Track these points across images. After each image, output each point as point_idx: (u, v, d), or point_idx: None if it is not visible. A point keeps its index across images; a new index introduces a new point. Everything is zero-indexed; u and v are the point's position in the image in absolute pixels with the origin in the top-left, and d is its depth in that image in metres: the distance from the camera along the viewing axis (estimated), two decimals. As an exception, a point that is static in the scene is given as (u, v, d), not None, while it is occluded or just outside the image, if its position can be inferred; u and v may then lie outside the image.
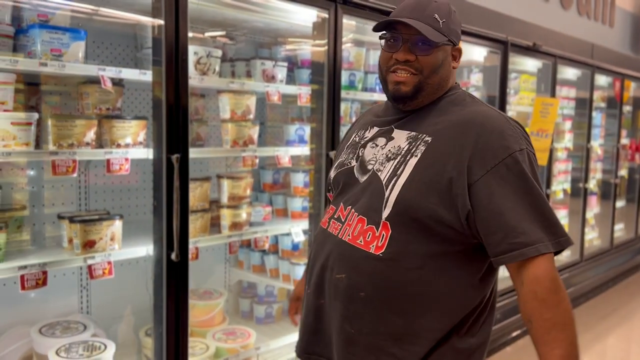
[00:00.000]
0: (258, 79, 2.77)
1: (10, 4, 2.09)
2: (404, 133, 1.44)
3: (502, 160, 1.30)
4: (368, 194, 1.42)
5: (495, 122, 1.36)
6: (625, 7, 6.67)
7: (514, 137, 1.33)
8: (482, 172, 1.30)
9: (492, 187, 1.29)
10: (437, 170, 1.34)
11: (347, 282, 1.41)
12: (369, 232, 1.39)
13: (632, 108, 6.51)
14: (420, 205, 1.33)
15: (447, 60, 1.45)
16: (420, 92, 1.42)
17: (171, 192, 2.11)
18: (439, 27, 1.40)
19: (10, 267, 2.00)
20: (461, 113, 1.41)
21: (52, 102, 2.45)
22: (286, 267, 3.10)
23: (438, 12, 1.42)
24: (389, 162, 1.42)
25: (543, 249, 1.26)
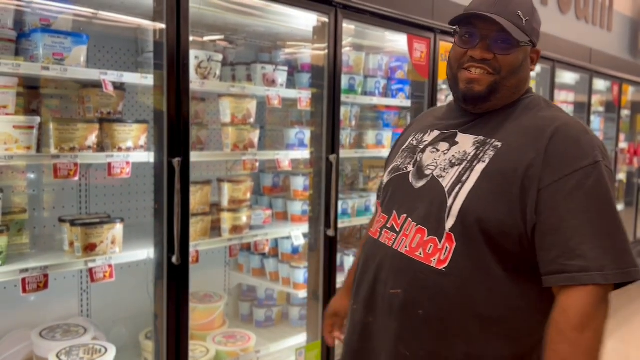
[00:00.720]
0: (259, 83, 2.78)
1: (13, 8, 2.10)
2: (471, 137, 1.32)
3: (573, 172, 1.18)
4: (427, 201, 1.30)
5: (571, 129, 1.24)
6: (623, 12, 6.70)
7: (589, 147, 1.21)
8: (549, 181, 1.19)
9: (557, 200, 1.18)
10: (507, 177, 1.22)
11: (404, 298, 1.29)
12: (430, 244, 1.27)
13: (630, 112, 6.53)
14: (488, 215, 1.22)
15: (527, 61, 1.34)
16: (495, 94, 1.30)
17: (172, 195, 2.12)
18: (522, 25, 1.28)
19: (11, 270, 2.00)
20: (535, 118, 1.29)
21: (52, 105, 2.45)
22: (286, 270, 3.11)
23: (522, 8, 1.30)
24: (453, 168, 1.29)
25: (599, 278, 1.12)
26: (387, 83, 3.38)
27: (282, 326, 3.30)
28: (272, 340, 2.99)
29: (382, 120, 3.54)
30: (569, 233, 1.15)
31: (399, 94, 3.42)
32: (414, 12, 3.10)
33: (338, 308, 1.69)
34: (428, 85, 3.30)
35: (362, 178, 3.58)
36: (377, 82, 3.30)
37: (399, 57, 3.53)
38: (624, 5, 6.74)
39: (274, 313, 3.30)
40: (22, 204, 2.43)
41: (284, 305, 3.37)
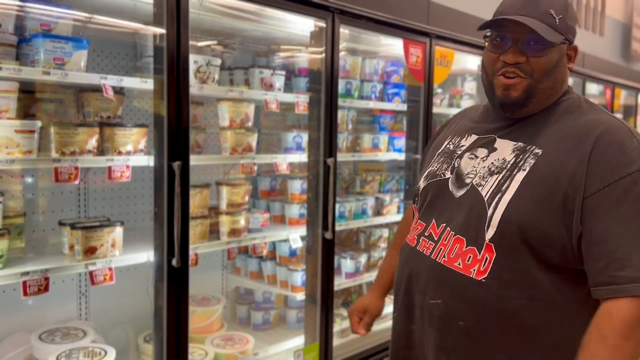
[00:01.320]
0: (256, 87, 2.81)
1: (14, 13, 2.12)
2: (510, 144, 1.29)
3: (620, 179, 1.14)
4: (466, 210, 1.28)
5: (616, 132, 1.19)
6: (615, 16, 6.78)
7: (635, 152, 1.16)
8: (593, 189, 1.15)
9: (603, 209, 1.14)
10: (549, 185, 1.19)
11: (444, 309, 1.27)
12: (469, 255, 1.25)
13: (622, 116, 6.60)
14: (529, 225, 1.19)
15: (562, 61, 1.28)
16: (531, 99, 1.27)
17: (172, 198, 2.14)
18: (554, 24, 1.24)
19: (12, 273, 2.01)
20: (577, 122, 1.25)
21: (49, 109, 2.47)
22: (284, 273, 3.13)
23: (553, 6, 1.25)
24: (492, 177, 1.27)
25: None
26: (383, 87, 3.42)
27: (280, 329, 3.32)
28: (270, 342, 3.01)
29: (378, 124, 3.57)
30: (616, 242, 1.13)
31: (395, 98, 3.46)
32: (410, 17, 3.14)
33: (368, 305, 1.69)
34: (424, 89, 3.34)
35: (358, 181, 3.61)
36: (374, 86, 3.34)
37: (395, 62, 3.57)
38: (616, 10, 6.81)
39: (272, 316, 3.31)
40: (20, 207, 2.44)
41: (281, 308, 3.38)
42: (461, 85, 4.17)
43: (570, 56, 1.33)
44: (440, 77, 3.41)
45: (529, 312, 1.22)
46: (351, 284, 3.29)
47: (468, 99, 4.13)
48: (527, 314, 1.22)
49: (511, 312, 1.22)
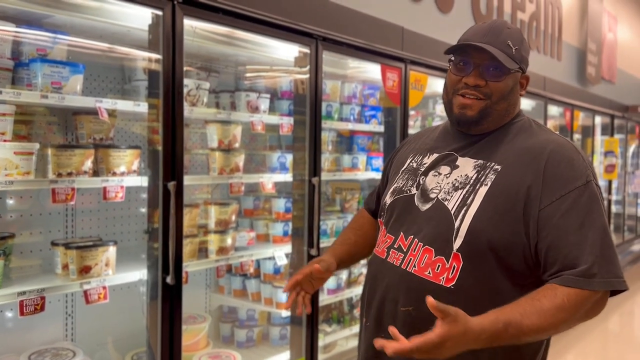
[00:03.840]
0: (243, 109, 2.91)
1: (11, 38, 2.17)
2: (470, 161, 1.42)
3: (569, 193, 1.29)
4: (434, 223, 1.39)
5: (565, 150, 1.35)
6: (570, 42, 7.18)
7: (581, 168, 1.32)
8: (547, 202, 1.30)
9: (555, 219, 1.28)
10: (509, 198, 1.32)
11: (416, 315, 1.36)
12: (438, 264, 1.35)
13: (581, 136, 6.95)
14: (493, 235, 1.31)
15: (516, 87, 1.44)
16: (486, 118, 1.41)
17: (167, 217, 2.20)
18: (511, 54, 1.39)
19: (9, 293, 2.03)
20: (530, 141, 1.39)
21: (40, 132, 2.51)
22: (268, 290, 3.20)
23: (511, 38, 1.40)
24: (457, 192, 1.38)
25: (585, 284, 1.23)
26: (361, 109, 3.57)
27: (263, 346, 3.37)
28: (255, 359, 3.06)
29: (356, 144, 3.71)
30: (568, 248, 1.27)
31: (372, 120, 3.61)
32: (386, 44, 3.31)
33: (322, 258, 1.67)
34: (400, 111, 3.50)
35: (338, 200, 3.73)
36: (352, 109, 3.48)
37: (371, 85, 3.73)
38: (571, 36, 7.22)
39: (255, 333, 3.37)
40: (12, 228, 2.46)
41: (264, 326, 3.44)
42: (433, 108, 4.37)
43: (522, 84, 1.48)
44: (415, 100, 3.59)
45: None
46: (333, 300, 3.39)
47: (439, 121, 4.32)
48: None
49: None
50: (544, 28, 6.39)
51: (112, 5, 2.16)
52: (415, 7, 4.25)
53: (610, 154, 7.25)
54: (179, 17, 2.23)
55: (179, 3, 2.22)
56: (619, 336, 5.40)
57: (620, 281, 1.27)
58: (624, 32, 9.27)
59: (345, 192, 3.70)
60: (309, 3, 2.88)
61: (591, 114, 6.93)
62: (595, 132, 7.25)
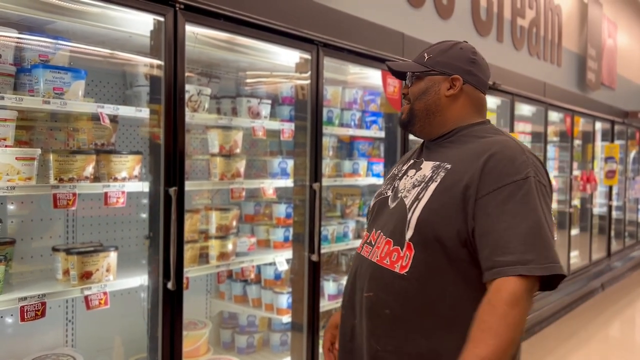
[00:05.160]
0: (244, 115, 2.91)
1: (14, 44, 2.18)
2: (430, 163, 1.57)
3: (505, 185, 1.38)
4: (394, 217, 1.53)
5: (508, 150, 1.44)
6: (570, 48, 7.20)
7: (522, 165, 1.41)
8: (484, 192, 1.39)
9: (490, 208, 1.38)
10: (452, 191, 1.44)
11: (375, 300, 1.49)
12: (395, 253, 1.48)
13: (581, 142, 6.96)
14: (438, 225, 1.42)
15: (434, 88, 1.58)
16: (413, 119, 1.60)
17: (168, 223, 2.20)
18: (422, 62, 1.59)
19: (10, 299, 2.03)
20: (480, 143, 1.51)
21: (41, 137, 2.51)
22: (269, 296, 3.19)
23: (432, 50, 1.60)
24: (414, 189, 1.53)
25: (522, 270, 1.30)
26: (362, 115, 3.57)
27: (264, 352, 3.37)
28: (256, 365, 3.06)
29: (357, 150, 3.71)
30: (499, 234, 1.35)
31: (372, 126, 3.61)
32: (387, 50, 3.31)
33: (338, 320, 1.81)
34: (401, 117, 3.50)
35: (339, 205, 3.72)
36: (353, 115, 3.48)
37: (372, 91, 3.74)
38: (571, 42, 7.24)
39: (256, 339, 3.36)
40: (13, 233, 2.46)
41: (265, 332, 3.43)
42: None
43: (453, 85, 1.59)
44: (416, 106, 3.58)
45: (443, 301, 1.42)
46: (334, 305, 3.38)
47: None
48: (442, 302, 1.42)
49: (428, 301, 1.43)
50: (544, 34, 6.41)
51: (114, 12, 2.17)
52: (416, 13, 4.26)
53: (610, 160, 7.26)
54: (181, 23, 2.23)
55: (181, 9, 2.23)
56: (620, 342, 5.38)
57: (557, 266, 1.33)
58: (623, 38, 9.29)
59: (346, 198, 3.70)
60: (310, 9, 2.89)
61: (591, 119, 6.94)
62: (595, 138, 7.26)
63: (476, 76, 1.61)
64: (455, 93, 1.59)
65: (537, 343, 4.88)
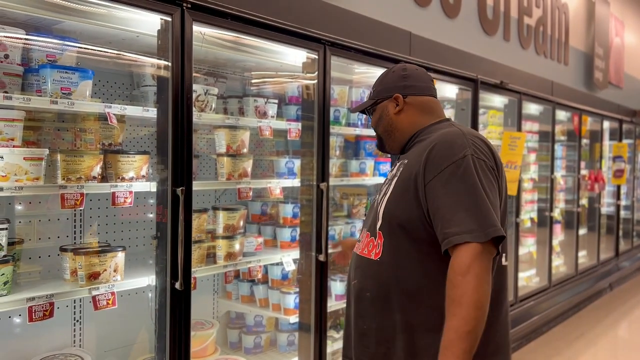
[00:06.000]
0: (251, 115, 2.91)
1: (21, 45, 2.18)
2: (398, 163, 1.79)
3: (446, 167, 1.55)
4: (372, 214, 1.76)
5: (448, 137, 1.62)
6: (577, 47, 7.16)
7: (460, 147, 1.57)
8: (430, 177, 1.57)
9: (437, 189, 1.55)
10: (407, 183, 1.63)
11: (359, 286, 1.73)
12: (371, 243, 1.71)
13: (589, 141, 6.92)
14: (397, 213, 1.63)
15: (384, 112, 1.84)
16: (381, 141, 1.89)
17: (176, 223, 2.20)
18: (370, 97, 1.88)
19: (18, 299, 2.03)
20: (430, 137, 1.69)
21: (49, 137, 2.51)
22: (276, 296, 3.18)
23: (374, 85, 1.89)
24: (384, 187, 1.76)
25: (468, 237, 1.46)
26: (369, 115, 3.55)
27: (271, 352, 3.36)
28: (264, 365, 3.05)
29: (364, 149, 3.70)
30: (446, 209, 1.51)
31: (379, 125, 3.59)
32: (394, 49, 3.30)
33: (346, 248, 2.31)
34: (408, 116, 3.48)
35: (346, 205, 3.71)
36: (359, 114, 3.47)
37: (379, 90, 3.71)
38: (578, 41, 7.19)
39: (263, 339, 3.35)
40: (20, 233, 2.46)
41: (272, 332, 3.43)
42: (440, 113, 4.34)
43: (397, 103, 1.81)
44: (423, 105, 3.56)
45: (411, 280, 1.61)
46: (341, 306, 3.36)
47: (447, 126, 4.30)
48: (410, 281, 1.61)
49: (398, 281, 1.63)
50: (551, 33, 6.38)
51: (121, 12, 2.17)
52: (423, 12, 4.25)
53: (619, 159, 7.21)
54: (188, 22, 2.23)
55: (188, 9, 2.22)
56: (629, 343, 5.34)
57: (496, 229, 1.47)
58: (631, 37, 9.23)
59: (353, 198, 3.69)
60: (317, 8, 2.88)
61: (599, 118, 6.89)
62: (603, 137, 7.22)
63: (412, 86, 1.80)
64: (401, 108, 1.80)
65: (545, 343, 4.85)
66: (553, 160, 5.57)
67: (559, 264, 6.10)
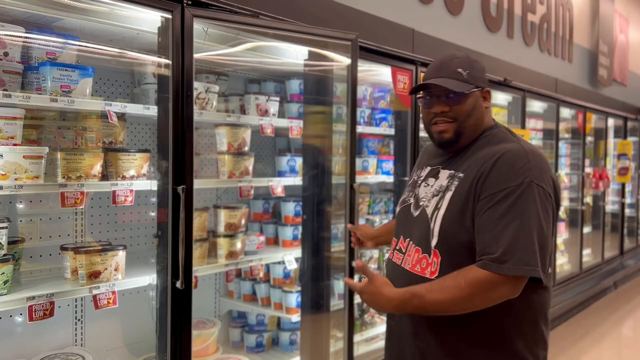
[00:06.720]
0: (252, 112, 2.89)
1: (21, 43, 2.17)
2: (446, 172, 1.68)
3: (503, 189, 1.49)
4: (419, 227, 1.65)
5: (510, 156, 1.54)
6: (582, 44, 7.11)
7: (522, 171, 1.50)
8: (484, 196, 1.52)
9: (485, 210, 1.51)
10: (464, 199, 1.56)
11: None
12: (424, 260, 1.62)
13: (593, 139, 6.87)
14: (457, 232, 1.55)
15: (478, 103, 1.66)
16: (461, 135, 1.65)
17: (177, 221, 2.18)
18: (463, 78, 1.63)
19: (18, 298, 2.02)
20: (490, 150, 1.60)
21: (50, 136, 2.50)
22: (278, 295, 3.17)
23: (461, 65, 1.64)
24: (434, 198, 1.65)
25: (491, 268, 1.45)
26: (371, 112, 3.53)
27: (273, 351, 3.34)
28: (266, 364, 3.03)
29: (366, 147, 3.68)
30: (487, 235, 1.49)
31: (382, 123, 3.57)
32: (397, 46, 3.28)
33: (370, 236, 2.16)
34: (411, 114, 3.47)
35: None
36: (362, 112, 3.45)
37: (382, 88, 3.70)
38: (582, 38, 7.15)
39: (265, 338, 3.34)
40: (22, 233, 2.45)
41: (274, 331, 3.41)
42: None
43: (485, 97, 1.69)
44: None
45: None
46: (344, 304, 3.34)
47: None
48: None
49: None
50: (555, 30, 6.33)
51: (122, 9, 2.15)
52: (425, 9, 4.22)
53: (623, 157, 7.17)
54: (189, 19, 2.21)
55: (188, 5, 2.20)
56: (633, 341, 5.31)
57: (529, 269, 1.44)
58: (635, 34, 9.17)
59: (356, 196, 3.66)
60: (318, 5, 2.85)
61: (604, 116, 6.85)
62: (608, 134, 7.17)
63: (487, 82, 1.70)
64: (488, 105, 1.69)
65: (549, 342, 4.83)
66: (557, 158, 5.54)
67: (563, 262, 6.07)
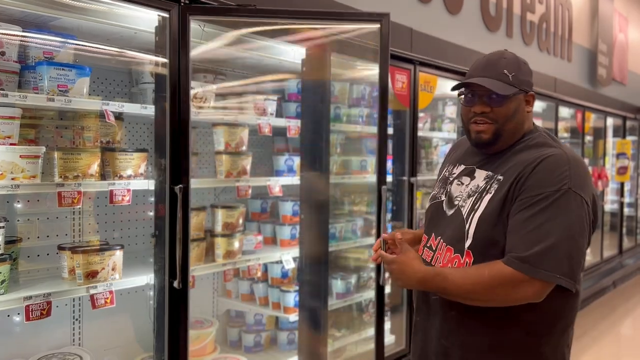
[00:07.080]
0: (250, 112, 2.88)
1: (18, 41, 2.16)
2: (483, 173, 1.64)
3: (538, 194, 1.48)
4: (453, 226, 1.63)
5: (551, 162, 1.52)
6: (581, 43, 7.11)
7: (561, 178, 1.49)
8: (521, 197, 1.50)
9: (519, 211, 1.49)
10: (502, 202, 1.54)
11: (442, 302, 1.62)
12: (456, 260, 1.60)
13: (592, 138, 6.87)
14: (492, 235, 1.53)
15: (520, 107, 1.62)
16: (499, 138, 1.61)
17: (174, 221, 2.18)
18: (508, 81, 1.58)
19: (15, 298, 2.02)
20: (530, 155, 1.57)
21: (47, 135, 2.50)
22: (276, 294, 3.17)
23: (507, 67, 1.60)
24: (470, 199, 1.62)
25: (518, 266, 1.45)
26: (370, 112, 3.53)
27: (271, 351, 3.34)
28: (264, 364, 3.03)
29: (365, 147, 3.67)
30: (519, 236, 1.48)
31: (380, 122, 3.56)
32: (395, 45, 3.27)
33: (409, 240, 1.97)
34: (409, 113, 3.46)
35: (347, 203, 3.69)
36: (361, 111, 3.45)
37: (380, 87, 3.68)
38: (582, 37, 7.14)
39: (263, 338, 3.34)
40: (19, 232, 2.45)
41: (272, 330, 3.41)
42: (442, 110, 4.32)
43: (529, 101, 1.65)
44: (425, 102, 3.55)
45: None
46: (342, 304, 3.35)
47: (448, 123, 4.28)
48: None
49: None
50: (554, 29, 6.33)
51: (119, 9, 2.15)
52: (424, 8, 4.22)
53: (622, 156, 7.17)
54: (186, 19, 2.21)
55: (185, 4, 2.20)
56: (632, 340, 5.32)
57: (556, 276, 1.44)
58: (634, 33, 9.17)
59: (354, 195, 3.66)
60: (316, 3, 2.85)
61: (603, 115, 6.85)
62: (607, 133, 7.17)
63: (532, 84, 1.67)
64: (530, 109, 1.66)
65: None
66: (556, 158, 5.52)
67: (562, 261, 6.06)
